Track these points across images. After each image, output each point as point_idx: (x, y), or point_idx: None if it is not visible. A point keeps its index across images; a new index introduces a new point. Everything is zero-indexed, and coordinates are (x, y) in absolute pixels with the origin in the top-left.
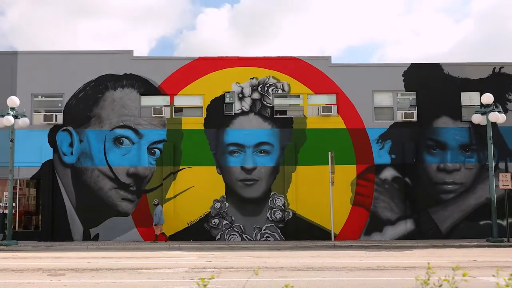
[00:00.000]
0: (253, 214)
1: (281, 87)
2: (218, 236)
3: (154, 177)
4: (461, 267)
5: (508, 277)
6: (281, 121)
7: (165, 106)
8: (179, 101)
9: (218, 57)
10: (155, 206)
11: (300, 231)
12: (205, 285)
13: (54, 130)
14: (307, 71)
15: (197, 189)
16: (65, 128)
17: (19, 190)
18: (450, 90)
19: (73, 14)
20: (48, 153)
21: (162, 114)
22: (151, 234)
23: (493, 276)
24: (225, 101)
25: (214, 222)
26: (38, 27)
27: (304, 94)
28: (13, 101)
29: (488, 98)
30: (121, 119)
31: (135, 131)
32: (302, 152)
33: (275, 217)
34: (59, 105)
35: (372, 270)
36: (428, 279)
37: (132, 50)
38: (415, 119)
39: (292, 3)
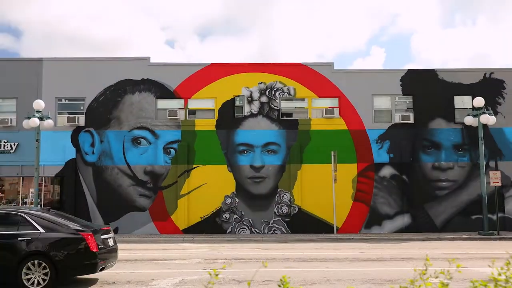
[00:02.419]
0: (261, 209)
1: (287, 91)
2: (229, 230)
3: (170, 174)
4: (455, 259)
5: (501, 267)
6: (287, 123)
7: (179, 109)
8: (192, 104)
9: (228, 63)
10: None
11: (305, 225)
12: (216, 275)
13: (76, 131)
14: (312, 76)
15: (209, 186)
16: (87, 129)
17: (44, 187)
18: (444, 94)
19: None
20: (71, 153)
21: (177, 116)
22: (166, 228)
23: (489, 266)
24: (236, 104)
25: (225, 216)
26: None
27: (308, 97)
28: (39, 104)
29: (479, 101)
30: (138, 121)
31: (152, 132)
32: (306, 151)
33: (282, 212)
34: (81, 108)
35: (372, 261)
36: (426, 270)
37: (149, 57)
38: (411, 121)
39: None
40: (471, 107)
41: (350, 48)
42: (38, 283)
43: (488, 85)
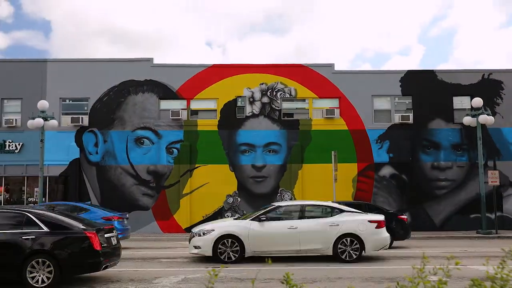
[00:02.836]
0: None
1: (289, 92)
2: None
3: (172, 174)
4: (454, 257)
5: (497, 265)
6: (289, 123)
7: (182, 109)
8: (195, 104)
9: (230, 64)
10: None
11: None
12: (216, 275)
13: (80, 131)
14: (312, 77)
15: (211, 185)
16: (90, 129)
17: (48, 186)
18: (443, 94)
19: None
20: (75, 153)
21: (179, 116)
22: (169, 226)
23: (483, 265)
24: (237, 105)
25: (227, 215)
26: None
27: (309, 98)
28: (43, 104)
29: (478, 102)
30: (142, 121)
31: (155, 132)
32: (307, 151)
33: None
34: (85, 108)
35: (372, 259)
36: (423, 267)
37: (152, 58)
38: (411, 121)
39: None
40: (470, 107)
41: (394, 46)
42: (43, 281)
43: (487, 86)
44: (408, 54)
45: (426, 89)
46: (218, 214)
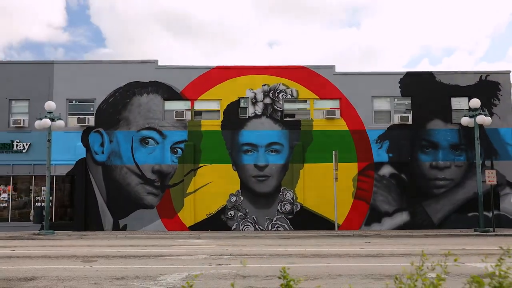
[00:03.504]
0: (265, 207)
1: (290, 93)
2: (234, 227)
3: (177, 173)
4: (452, 254)
5: (495, 263)
6: (290, 123)
7: (186, 110)
8: (199, 105)
9: (233, 65)
10: None
11: (307, 222)
12: (191, 286)
13: (86, 132)
14: (314, 79)
15: (214, 184)
16: (96, 129)
17: (55, 185)
18: (441, 95)
19: None
20: (81, 152)
21: (183, 117)
22: (173, 225)
23: (482, 261)
24: (240, 106)
25: (230, 214)
26: None
27: (310, 99)
28: (50, 105)
29: (475, 102)
30: (146, 122)
31: (159, 133)
32: (309, 151)
33: (285, 209)
34: (91, 109)
35: (372, 256)
36: (422, 265)
37: (157, 60)
38: (410, 121)
39: None
40: (468, 108)
41: (462, 42)
42: None
43: (484, 87)
44: (474, 51)
45: (425, 90)
46: (221, 213)
